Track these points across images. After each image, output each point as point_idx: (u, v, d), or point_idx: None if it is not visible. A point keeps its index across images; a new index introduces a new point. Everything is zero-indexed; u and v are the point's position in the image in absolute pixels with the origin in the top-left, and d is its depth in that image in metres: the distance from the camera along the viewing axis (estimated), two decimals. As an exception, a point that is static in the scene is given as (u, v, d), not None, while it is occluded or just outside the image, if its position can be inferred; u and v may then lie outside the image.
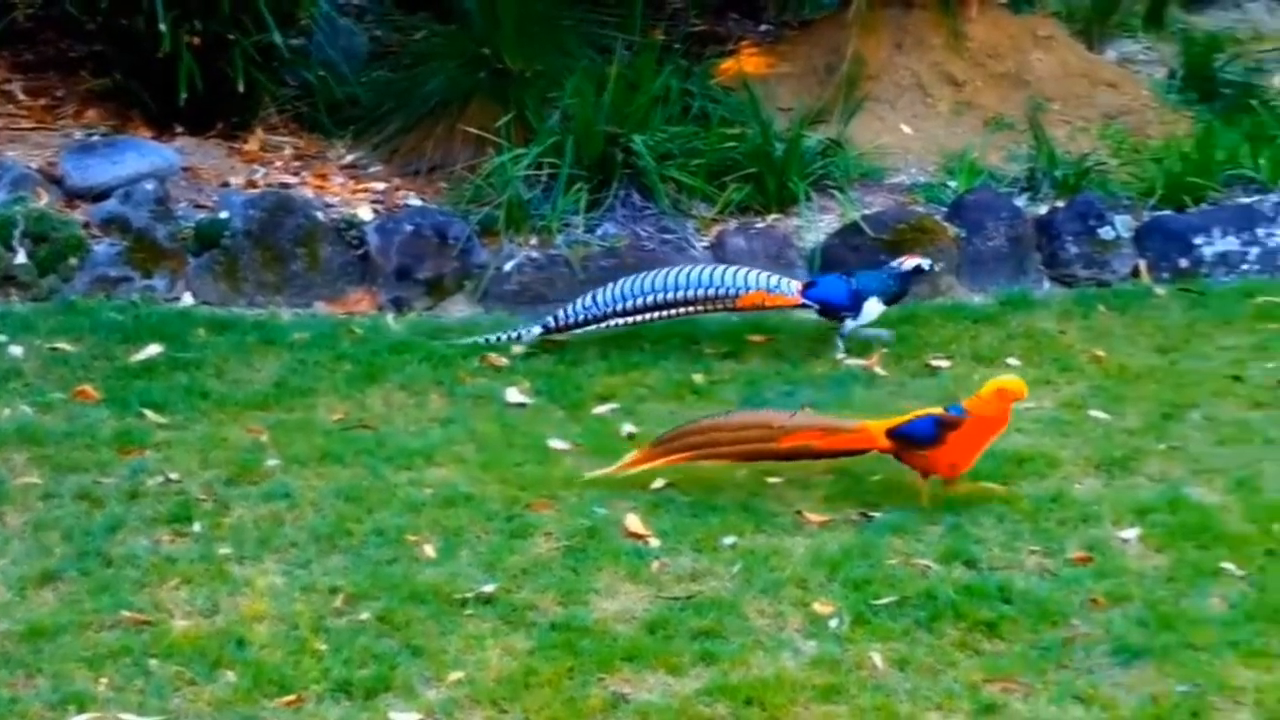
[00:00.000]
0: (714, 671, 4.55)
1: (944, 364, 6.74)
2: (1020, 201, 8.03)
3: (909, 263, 6.91)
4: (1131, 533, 5.31)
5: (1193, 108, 9.13)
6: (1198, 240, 7.74)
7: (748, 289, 6.73)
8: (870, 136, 8.45)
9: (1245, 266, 7.74)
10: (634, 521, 5.32)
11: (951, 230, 7.64)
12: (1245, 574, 5.04)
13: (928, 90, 8.80)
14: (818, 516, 5.43)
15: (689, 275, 6.75)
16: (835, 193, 7.96)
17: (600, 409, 6.25)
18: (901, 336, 6.92)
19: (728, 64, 8.94)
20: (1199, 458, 5.88)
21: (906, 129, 8.59)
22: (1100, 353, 6.82)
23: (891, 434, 5.47)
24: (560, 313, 6.79)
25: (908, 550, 5.21)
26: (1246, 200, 8.04)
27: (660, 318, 6.76)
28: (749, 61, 9.01)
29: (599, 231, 7.45)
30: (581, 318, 6.74)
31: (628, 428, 6.06)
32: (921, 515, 5.42)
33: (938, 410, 5.49)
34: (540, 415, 6.20)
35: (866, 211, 7.74)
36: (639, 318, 6.74)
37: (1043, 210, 7.95)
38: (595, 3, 8.51)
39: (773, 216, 7.80)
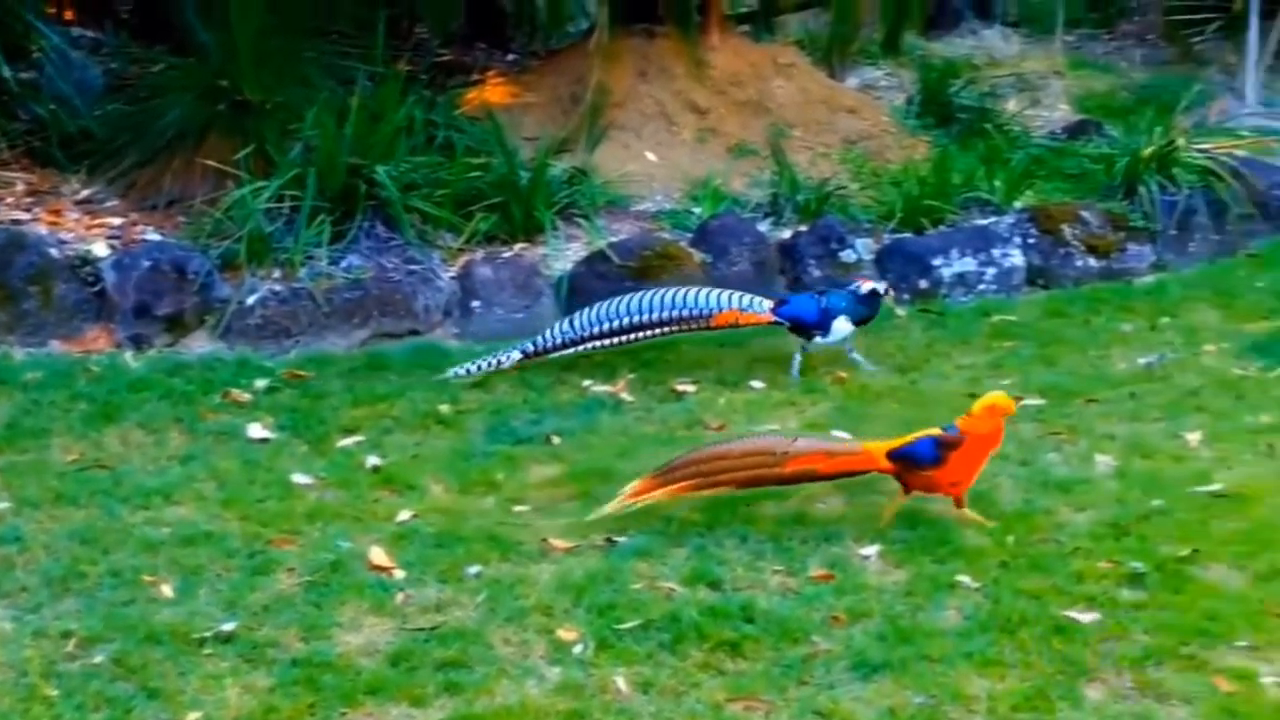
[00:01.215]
0: (458, 702, 4.52)
1: (689, 389, 6.78)
2: (764, 226, 8.14)
3: (865, 286, 7.01)
4: (872, 550, 5.38)
5: (930, 132, 9.34)
6: (936, 261, 7.89)
7: (721, 309, 6.86)
8: (616, 164, 8.49)
9: (982, 286, 7.91)
10: (378, 554, 5.26)
11: (697, 256, 7.70)
12: (980, 586, 5.13)
13: (672, 118, 8.87)
14: (563, 543, 5.41)
15: (665, 298, 6.85)
16: (581, 221, 7.99)
17: (345, 442, 6.19)
18: (646, 362, 6.96)
19: (473, 94, 8.94)
20: (934, 475, 5.98)
21: (652, 156, 8.65)
22: (842, 374, 6.91)
23: (892, 455, 5.51)
24: (540, 338, 6.86)
25: (653, 574, 5.21)
26: (983, 221, 8.23)
27: (637, 339, 6.86)
28: (494, 91, 9.01)
29: (343, 264, 7.38)
30: (560, 341, 6.83)
31: (373, 460, 6.00)
32: (667, 539, 5.43)
33: (936, 431, 5.50)
34: (283, 450, 6.11)
35: (613, 239, 7.78)
36: (617, 340, 6.83)
37: (786, 234, 8.06)
38: (337, 34, 8.44)
39: (520, 245, 7.79)
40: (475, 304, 7.41)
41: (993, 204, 8.35)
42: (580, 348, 6.86)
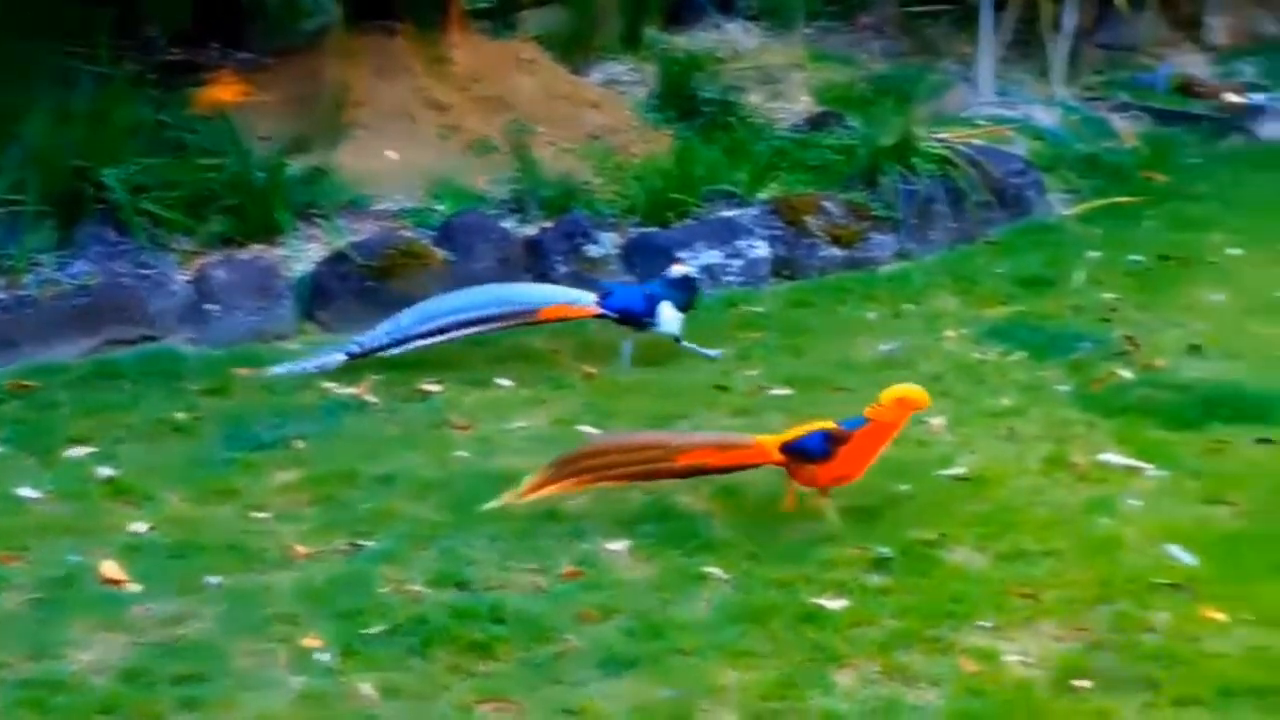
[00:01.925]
0: (196, 717, 4.37)
1: (435, 388, 6.67)
2: (509, 223, 8.05)
3: (676, 270, 7.01)
4: (621, 544, 5.33)
5: (673, 126, 9.32)
6: (682, 254, 7.84)
7: (547, 303, 6.89)
8: (356, 163, 8.33)
9: (728, 278, 7.90)
10: (110, 568, 5.09)
11: (441, 254, 7.59)
12: (729, 578, 5.11)
13: (413, 116, 8.74)
14: (306, 549, 5.29)
15: (490, 294, 6.86)
16: (321, 221, 7.82)
17: (75, 453, 5.98)
18: (392, 363, 6.83)
19: (205, 93, 8.69)
20: (685, 466, 5.95)
21: (393, 155, 8.51)
22: (591, 369, 6.86)
23: (784, 449, 5.46)
24: (367, 337, 6.77)
25: (399, 577, 5.11)
26: (727, 214, 8.23)
27: (464, 335, 6.84)
28: (228, 90, 8.78)
29: (71, 269, 7.12)
30: (385, 341, 6.76)
31: (105, 471, 5.81)
32: (413, 541, 5.33)
33: (829, 425, 5.46)
34: (8, 464, 5.88)
35: (354, 239, 7.63)
36: (443, 337, 6.81)
37: (531, 231, 7.98)
38: (61, 33, 8.15)
39: (258, 247, 7.61)
40: (212, 307, 7.19)
41: (737, 196, 8.35)
42: (406, 346, 6.79)
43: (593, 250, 7.79)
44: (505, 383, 6.73)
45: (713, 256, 7.91)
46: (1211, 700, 4.47)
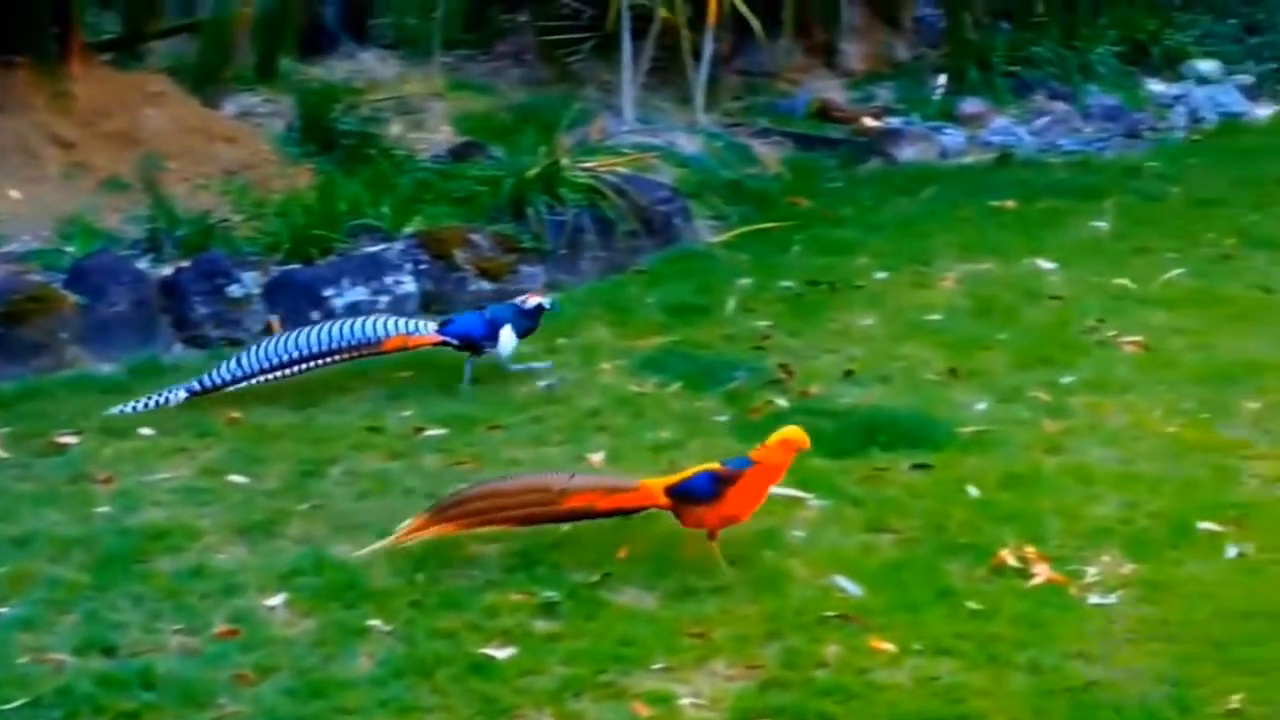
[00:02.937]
0: None
1: (72, 440, 6.31)
2: (143, 263, 7.71)
3: (532, 301, 6.99)
4: (278, 599, 5.09)
5: (313, 159, 9.08)
6: (328, 292, 7.63)
7: (389, 335, 6.83)
8: (-24, 204, 7.90)
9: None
10: None
11: (72, 298, 7.20)
12: (392, 629, 4.92)
13: (35, 152, 8.35)
14: (-68, 621, 4.92)
15: (331, 331, 6.80)
16: (-60, 266, 7.38)
17: None
18: (22, 415, 6.46)
19: None
20: (342, 514, 5.73)
21: (16, 194, 8.10)
22: (236, 414, 6.57)
23: (670, 491, 5.34)
24: (207, 376, 6.67)
25: (40, 645, 4.80)
26: (373, 249, 8.01)
27: (309, 369, 6.76)
28: None
29: None
30: (229, 379, 6.67)
31: None
32: (53, 605, 5.01)
33: (715, 466, 5.37)
34: None
35: (-23, 283, 7.20)
36: (287, 371, 6.72)
37: (167, 271, 7.64)
38: None
39: None
40: None
41: (382, 230, 8.14)
42: (251, 381, 6.68)
43: (234, 290, 7.50)
44: (146, 431, 6.41)
45: (359, 294, 7.69)
46: (886, 733, 4.45)
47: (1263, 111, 12.30)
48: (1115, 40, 12.08)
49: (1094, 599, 5.19)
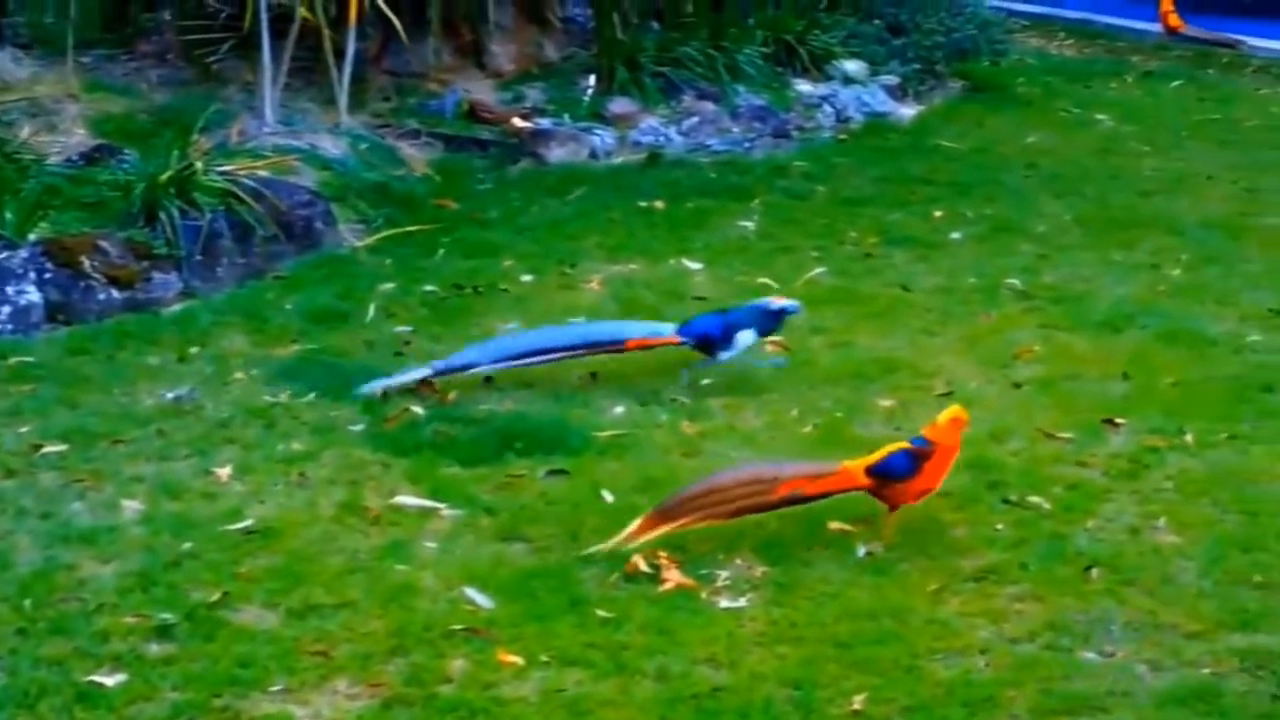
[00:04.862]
0: None
1: None
2: None
3: (776, 303, 7.00)
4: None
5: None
6: (-56, 303, 7.26)
7: (630, 337, 6.96)
8: None
9: (-2, 327, 7.34)
10: None
11: None
12: (-2, 658, 4.68)
13: None
14: None
15: (576, 331, 7.12)
16: None
17: None
18: None
19: None
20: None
21: None
22: None
23: (870, 471, 5.58)
24: (444, 361, 6.85)
25: None
26: (-4, 257, 7.65)
27: (548, 360, 6.89)
28: None
29: None
30: (468, 364, 6.83)
31: None
32: None
33: (906, 445, 5.62)
34: None
35: None
36: (523, 362, 6.86)
37: None
38: None
39: None
40: None
41: (5, 238, 7.76)
42: (486, 368, 6.84)
43: None
44: None
45: (-25, 304, 7.33)
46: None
47: (907, 111, 12.52)
48: (763, 41, 12.13)
49: (724, 603, 5.18)
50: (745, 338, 6.94)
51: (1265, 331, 7.76)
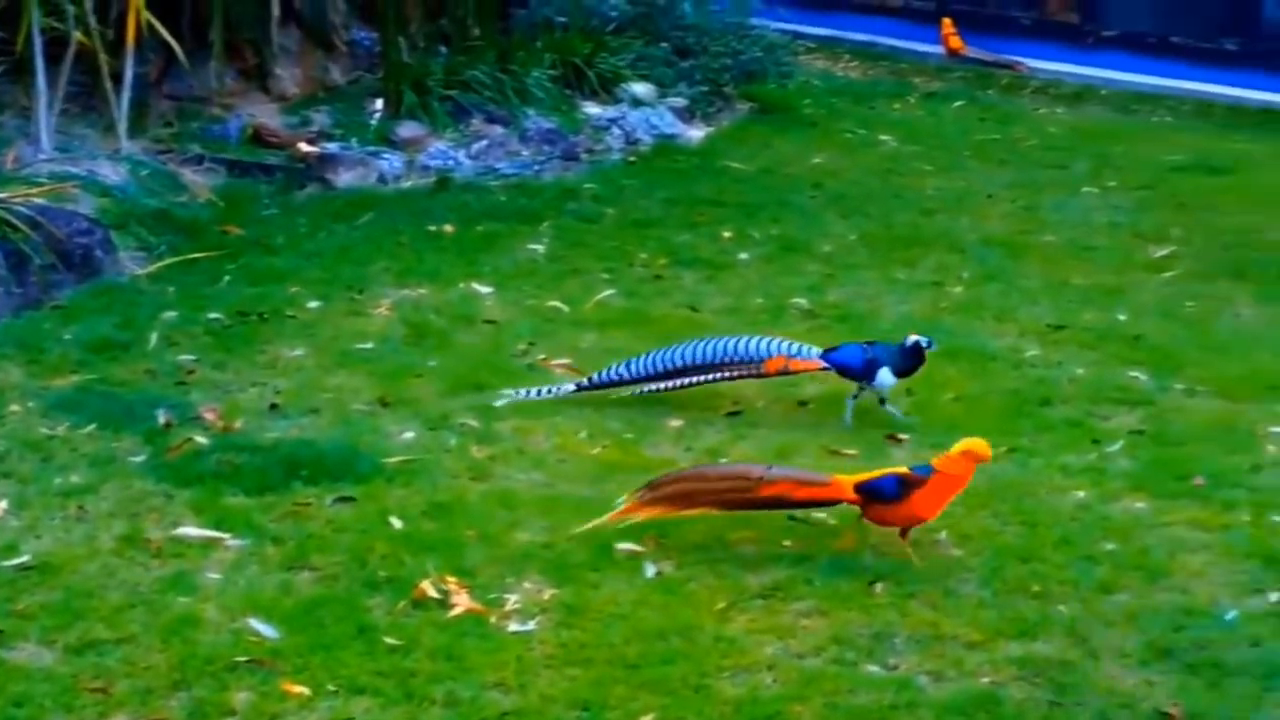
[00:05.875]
0: None
1: None
2: None
3: (910, 339, 6.97)
4: None
5: None
6: None
7: (772, 355, 6.95)
8: None
9: None
10: None
11: None
12: None
13: None
14: None
15: (722, 346, 6.98)
16: None
17: None
18: None
19: None
20: None
21: None
22: None
23: (858, 488, 5.63)
24: (595, 375, 7.06)
25: None
26: None
27: (691, 384, 6.99)
28: None
29: None
30: (614, 380, 7.01)
31: None
32: None
33: (903, 470, 5.68)
34: None
35: None
36: (670, 383, 6.98)
37: None
38: None
39: None
40: None
41: None
42: (633, 389, 7.00)
43: None
44: None
45: None
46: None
47: (695, 133, 12.61)
48: (551, 64, 12.15)
49: (514, 626, 5.16)
50: (885, 377, 6.93)
51: (1043, 346, 7.95)
